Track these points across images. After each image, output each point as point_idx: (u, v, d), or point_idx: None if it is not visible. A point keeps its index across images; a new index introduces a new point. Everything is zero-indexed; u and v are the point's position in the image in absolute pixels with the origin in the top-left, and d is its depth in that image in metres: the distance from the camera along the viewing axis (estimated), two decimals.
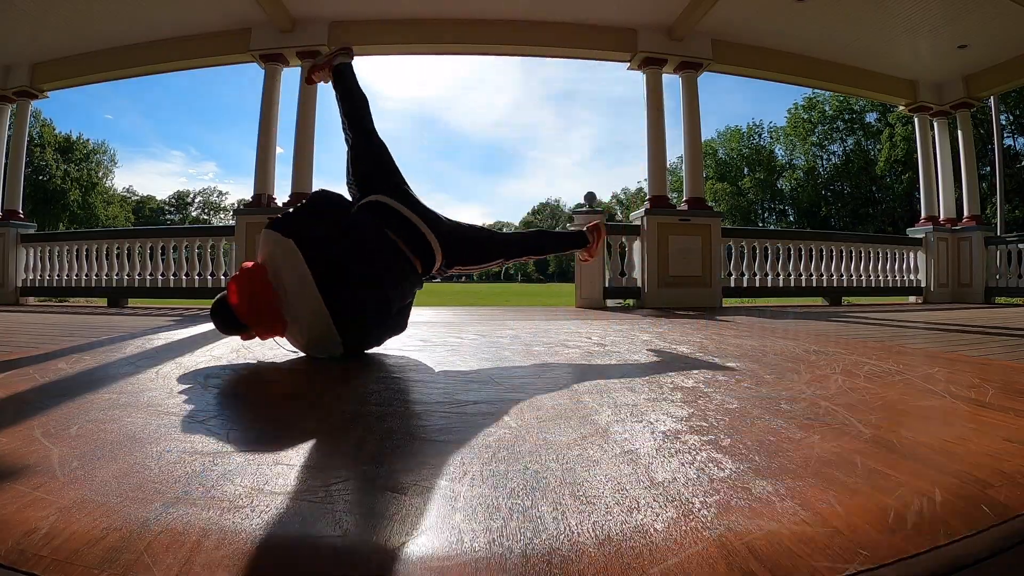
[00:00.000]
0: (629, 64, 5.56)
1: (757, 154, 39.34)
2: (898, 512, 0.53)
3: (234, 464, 0.67)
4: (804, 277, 5.95)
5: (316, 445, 0.76)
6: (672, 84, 5.66)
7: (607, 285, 5.29)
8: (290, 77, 5.41)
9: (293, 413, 0.95)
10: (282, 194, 5.30)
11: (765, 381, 1.27)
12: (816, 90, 26.19)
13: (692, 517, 0.52)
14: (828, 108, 35.74)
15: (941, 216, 6.54)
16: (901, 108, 6.81)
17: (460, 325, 2.92)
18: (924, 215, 6.63)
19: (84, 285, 5.60)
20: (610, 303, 5.35)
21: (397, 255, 1.53)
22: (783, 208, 39.27)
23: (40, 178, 32.61)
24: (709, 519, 0.52)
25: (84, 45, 5.53)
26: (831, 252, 6.12)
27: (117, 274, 5.49)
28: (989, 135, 12.73)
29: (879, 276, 6.32)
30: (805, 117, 36.81)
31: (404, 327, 1.71)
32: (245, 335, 1.45)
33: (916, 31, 5.31)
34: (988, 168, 19.84)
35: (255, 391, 1.14)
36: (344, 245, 1.43)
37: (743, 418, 0.92)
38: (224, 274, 5.35)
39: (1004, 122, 25.76)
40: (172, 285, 5.42)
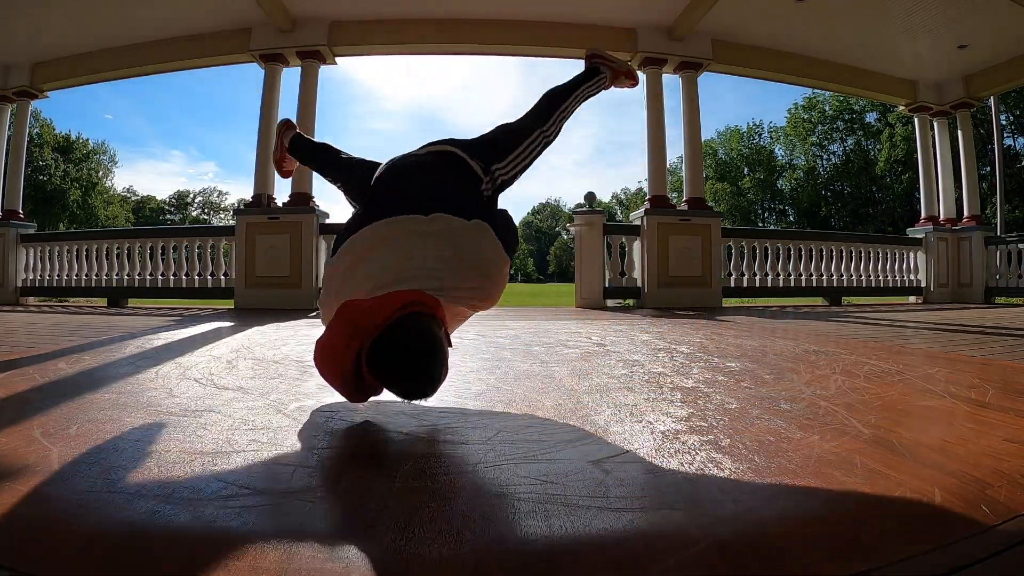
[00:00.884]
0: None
1: (757, 154, 39.34)
2: (898, 512, 0.53)
3: (234, 464, 0.67)
4: (804, 277, 5.95)
5: (315, 445, 0.76)
6: (672, 84, 5.66)
7: (607, 285, 5.29)
8: (290, 77, 5.41)
9: (293, 413, 0.95)
10: (282, 194, 5.30)
11: (765, 381, 1.27)
12: (816, 90, 26.18)
13: (692, 517, 0.52)
14: (828, 108, 35.72)
15: (941, 216, 6.54)
16: (901, 108, 6.81)
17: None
18: (924, 215, 6.63)
19: (84, 285, 5.60)
20: (610, 303, 5.35)
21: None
22: (783, 208, 39.26)
23: (40, 178, 32.61)
24: (709, 519, 0.52)
25: (84, 45, 5.53)
26: (831, 252, 6.12)
27: (117, 274, 5.49)
28: (989, 135, 12.74)
29: (879, 276, 6.31)
30: (805, 117, 36.79)
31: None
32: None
33: (916, 31, 5.30)
34: (988, 168, 19.82)
35: (255, 391, 1.14)
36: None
37: (743, 418, 0.92)
38: (224, 274, 5.35)
39: (1004, 122, 25.77)
40: (172, 285, 5.42)
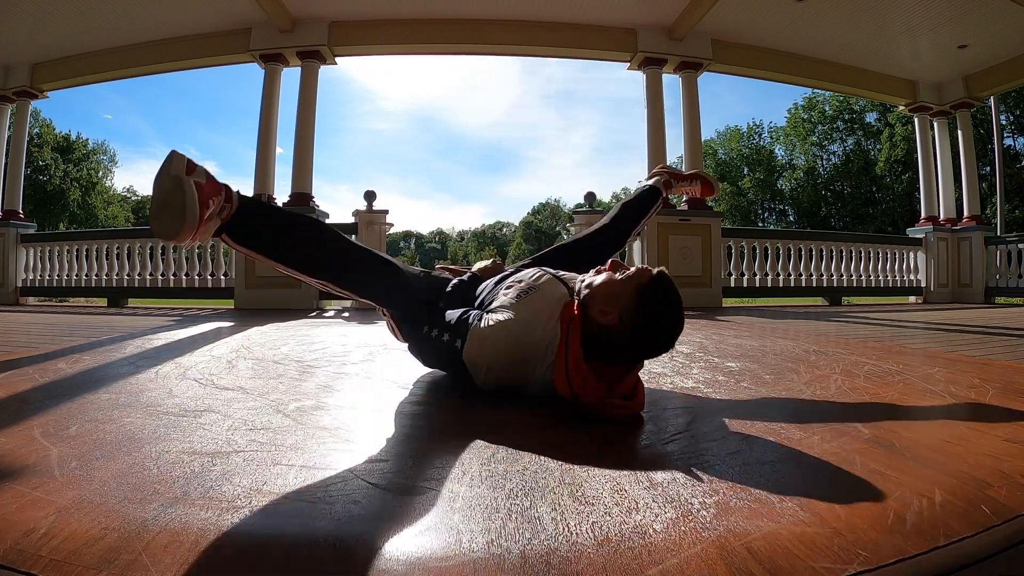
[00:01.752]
0: (629, 64, 5.56)
1: (757, 154, 39.32)
2: (898, 512, 0.53)
3: (233, 464, 0.67)
4: (804, 277, 5.95)
5: (315, 445, 0.76)
6: (672, 84, 5.66)
7: None
8: (290, 77, 5.41)
9: (293, 413, 0.95)
10: (282, 194, 5.30)
11: (765, 381, 1.27)
12: (816, 90, 26.19)
13: (691, 517, 0.52)
14: (828, 108, 35.70)
15: (941, 216, 6.54)
16: (901, 108, 6.81)
17: None
18: (924, 215, 6.63)
19: (84, 285, 5.60)
20: None
21: None
22: (783, 208, 39.24)
23: (40, 178, 32.59)
24: (708, 520, 0.52)
25: (84, 45, 5.53)
26: (831, 252, 6.12)
27: (117, 274, 5.49)
28: (989, 135, 12.74)
29: (879, 276, 6.32)
30: (805, 117, 36.77)
31: None
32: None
33: (916, 31, 5.30)
34: (988, 168, 19.80)
35: (255, 391, 1.14)
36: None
37: (743, 418, 0.92)
38: (224, 274, 5.35)
39: (1004, 122, 25.76)
40: (172, 285, 5.42)
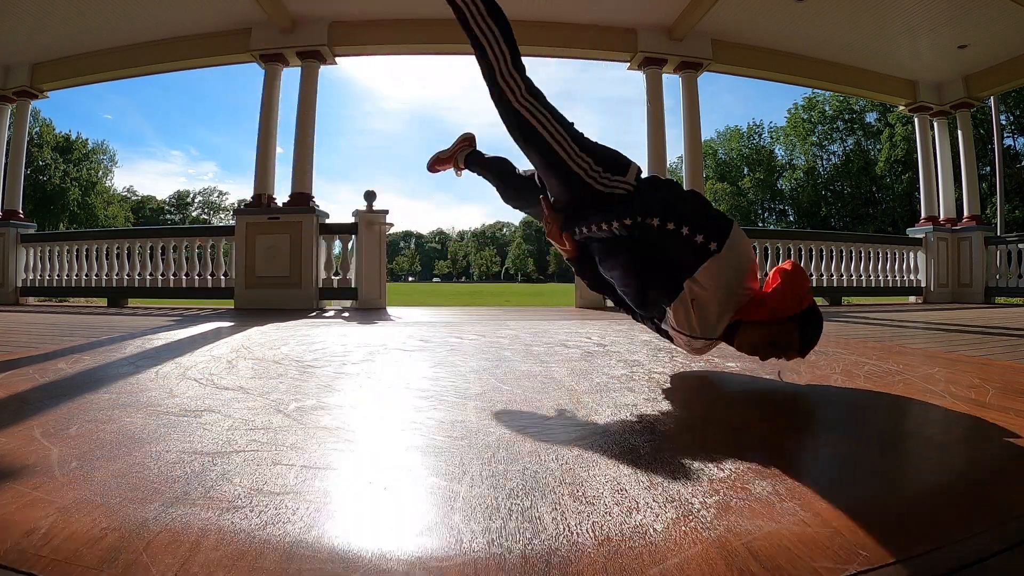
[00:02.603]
0: (629, 64, 5.56)
1: (757, 154, 39.34)
2: (898, 512, 0.53)
3: (233, 464, 0.67)
4: None
5: (315, 445, 0.76)
6: (672, 84, 5.66)
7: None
8: (290, 77, 5.41)
9: (293, 413, 0.95)
10: (282, 194, 5.30)
11: (764, 381, 1.27)
12: (816, 90, 26.19)
13: (692, 517, 0.52)
14: (828, 108, 35.73)
15: (941, 216, 6.54)
16: (901, 108, 6.81)
17: (460, 325, 2.92)
18: (924, 215, 6.63)
19: (84, 285, 5.60)
20: (610, 303, 5.34)
21: None
22: (783, 208, 39.26)
23: (40, 178, 32.61)
24: (709, 519, 0.52)
25: (84, 45, 5.53)
26: (831, 252, 6.12)
27: (117, 274, 5.49)
28: (989, 135, 12.73)
29: (879, 276, 6.32)
30: (805, 117, 36.80)
31: None
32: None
33: (916, 31, 5.30)
34: (988, 168, 19.82)
35: (255, 391, 1.14)
36: None
37: (743, 418, 0.92)
38: (224, 274, 5.35)
39: (1004, 122, 25.75)
40: (172, 285, 5.42)
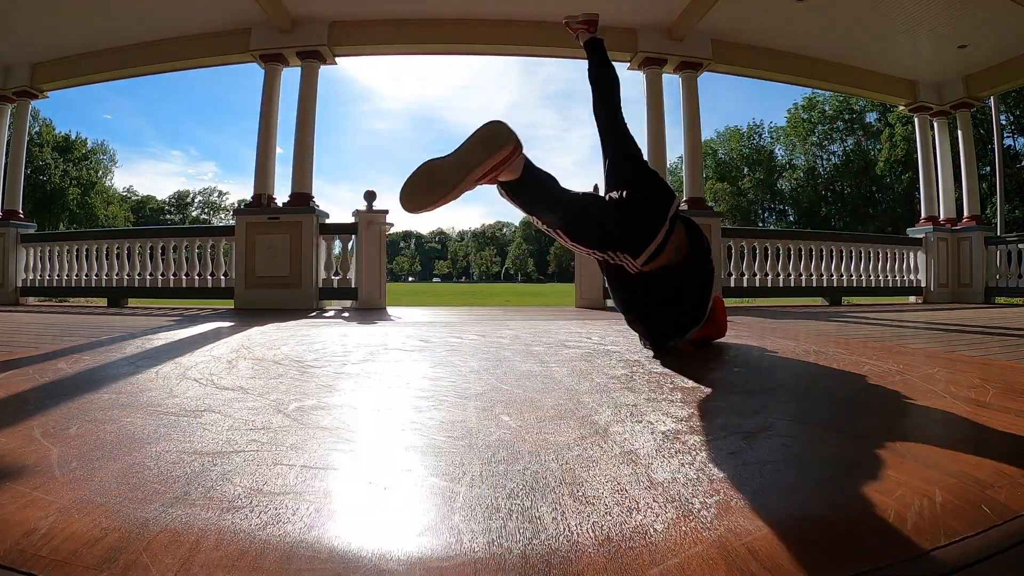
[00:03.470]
0: (629, 64, 5.56)
1: (757, 154, 39.34)
2: (898, 512, 0.53)
3: (233, 464, 0.67)
4: (804, 277, 5.95)
5: (315, 445, 0.76)
6: (672, 84, 5.66)
7: (607, 285, 5.29)
8: (290, 77, 5.40)
9: (293, 413, 0.95)
10: (282, 194, 5.30)
11: (765, 381, 1.27)
12: (816, 90, 26.19)
13: (692, 517, 0.52)
14: (828, 108, 35.74)
15: (941, 216, 6.54)
16: (901, 108, 6.81)
17: (460, 325, 2.92)
18: (924, 215, 6.63)
19: (84, 285, 5.60)
20: (610, 303, 5.35)
21: None
22: (783, 208, 39.27)
23: (40, 178, 32.62)
24: (709, 520, 0.52)
25: (84, 45, 5.53)
26: (831, 252, 6.12)
27: (117, 274, 5.49)
28: (989, 135, 12.72)
29: (879, 276, 6.32)
30: (805, 117, 36.80)
31: None
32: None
33: (916, 31, 5.31)
34: (988, 168, 19.82)
35: (255, 391, 1.14)
36: None
37: (743, 418, 0.92)
38: (224, 274, 5.35)
39: (1004, 122, 25.75)
40: (172, 285, 5.42)
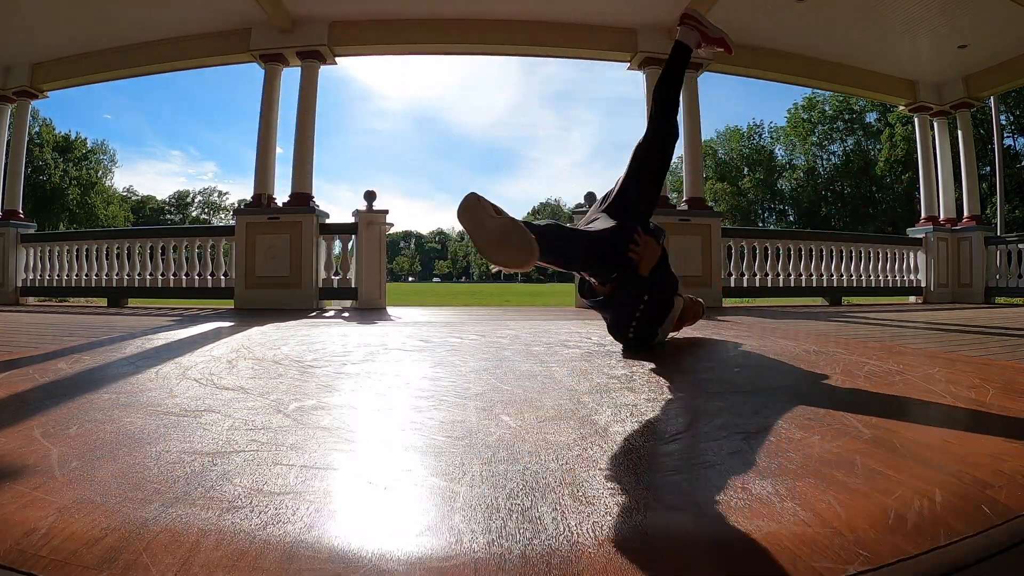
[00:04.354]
0: (629, 64, 5.56)
1: (757, 154, 39.33)
2: (898, 512, 0.53)
3: (233, 464, 0.67)
4: (804, 277, 5.95)
5: (315, 445, 0.76)
6: None
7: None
8: (290, 77, 5.40)
9: (293, 413, 0.95)
10: (282, 194, 5.30)
11: (765, 382, 1.27)
12: (816, 90, 26.20)
13: (692, 517, 0.52)
14: (828, 108, 35.74)
15: (941, 216, 6.54)
16: (901, 108, 6.81)
17: (460, 325, 2.92)
18: (924, 215, 6.63)
19: (84, 285, 5.60)
20: None
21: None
22: (783, 208, 39.26)
23: (40, 178, 32.62)
24: (709, 520, 0.52)
25: (84, 45, 5.53)
26: (831, 252, 6.12)
27: (117, 274, 5.48)
28: (989, 135, 12.73)
29: (879, 276, 6.32)
30: (805, 117, 36.80)
31: None
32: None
33: (916, 31, 5.30)
34: (988, 168, 19.82)
35: (255, 391, 1.14)
36: None
37: (743, 417, 0.92)
38: (224, 274, 5.35)
39: (1004, 122, 25.75)
40: (172, 285, 5.42)
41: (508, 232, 1.20)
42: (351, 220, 5.17)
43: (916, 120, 6.66)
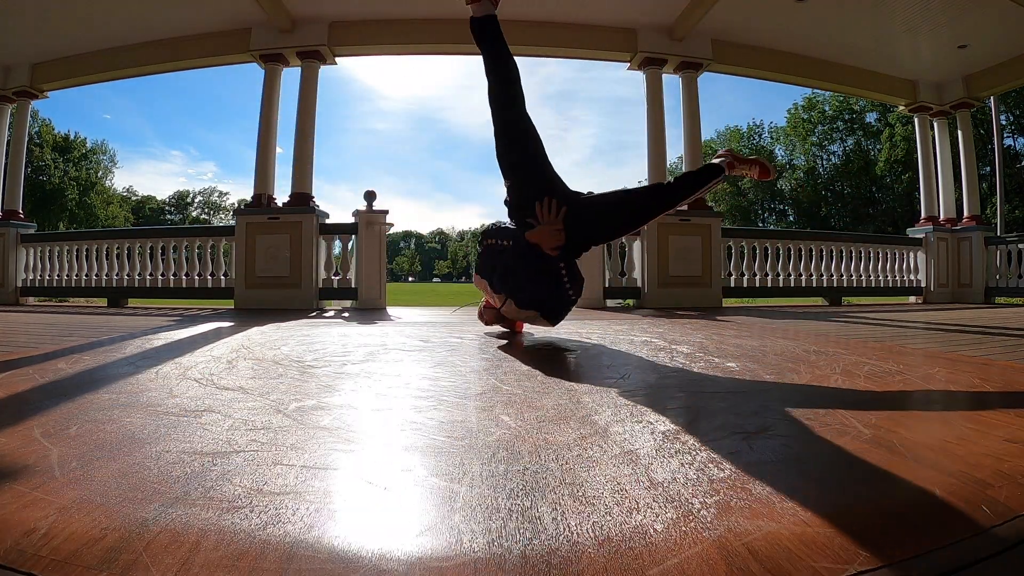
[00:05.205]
0: (629, 64, 5.57)
1: (757, 154, 39.29)
2: (898, 512, 0.53)
3: (233, 464, 0.67)
4: (804, 277, 5.95)
5: (315, 445, 0.76)
6: (672, 84, 5.66)
7: (607, 285, 5.29)
8: (290, 77, 5.41)
9: (293, 413, 0.95)
10: (282, 194, 5.31)
11: (765, 381, 1.27)
12: (816, 90, 26.18)
13: (692, 518, 0.52)
14: (828, 108, 35.74)
15: (941, 216, 6.54)
16: (901, 108, 6.81)
17: (460, 325, 2.92)
18: (924, 215, 6.63)
19: (84, 285, 5.60)
20: (610, 303, 5.35)
21: (535, 260, 1.87)
22: (783, 208, 39.26)
23: (39, 178, 32.62)
24: (709, 520, 0.52)
25: (84, 45, 5.53)
26: (831, 252, 6.12)
27: (117, 274, 5.49)
28: (989, 135, 12.73)
29: (879, 276, 6.32)
30: (805, 117, 36.80)
31: (570, 300, 1.98)
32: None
33: (916, 31, 5.31)
34: (988, 168, 19.83)
35: (255, 391, 1.14)
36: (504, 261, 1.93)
37: (743, 418, 0.92)
38: (224, 274, 5.35)
39: (1004, 122, 25.75)
40: (172, 285, 5.42)
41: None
42: (351, 220, 5.17)
43: (916, 120, 6.66)
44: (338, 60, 5.43)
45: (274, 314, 3.95)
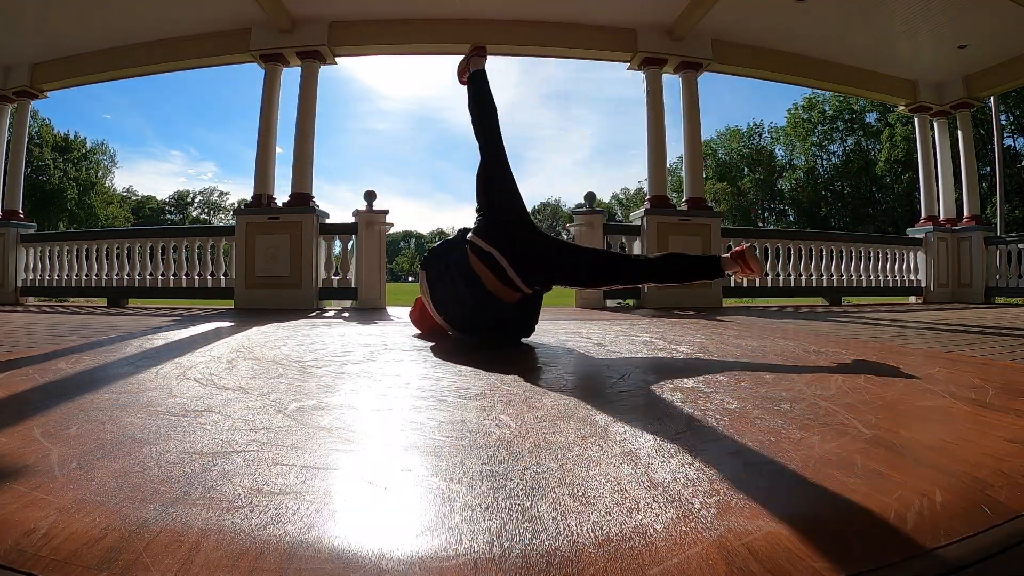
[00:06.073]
0: (629, 64, 5.57)
1: (757, 154, 39.31)
2: (898, 512, 0.53)
3: (234, 464, 0.67)
4: (804, 277, 5.95)
5: (315, 445, 0.76)
6: (672, 84, 5.67)
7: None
8: (290, 77, 5.41)
9: (293, 413, 0.95)
10: (282, 194, 5.30)
11: (765, 381, 1.27)
12: (816, 90, 26.19)
13: (692, 518, 0.52)
14: (828, 108, 35.71)
15: (941, 216, 6.54)
16: (901, 108, 6.81)
17: None
18: (924, 215, 6.63)
19: (84, 285, 5.60)
20: (610, 303, 5.35)
21: (474, 281, 1.90)
22: (783, 208, 39.25)
23: (39, 178, 32.61)
24: (709, 520, 0.52)
25: (84, 45, 5.53)
26: (831, 252, 6.12)
27: (117, 274, 5.49)
28: (989, 135, 12.72)
29: (879, 276, 6.32)
30: (805, 117, 36.77)
31: (522, 330, 2.10)
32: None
33: (916, 31, 5.31)
34: (988, 168, 19.82)
35: (255, 391, 1.14)
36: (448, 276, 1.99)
37: (743, 419, 0.92)
38: (224, 274, 5.35)
39: (1004, 122, 25.75)
40: (172, 285, 5.42)
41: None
42: (351, 220, 5.17)
43: (916, 120, 6.66)
44: (338, 60, 5.44)
45: (274, 314, 3.95)
